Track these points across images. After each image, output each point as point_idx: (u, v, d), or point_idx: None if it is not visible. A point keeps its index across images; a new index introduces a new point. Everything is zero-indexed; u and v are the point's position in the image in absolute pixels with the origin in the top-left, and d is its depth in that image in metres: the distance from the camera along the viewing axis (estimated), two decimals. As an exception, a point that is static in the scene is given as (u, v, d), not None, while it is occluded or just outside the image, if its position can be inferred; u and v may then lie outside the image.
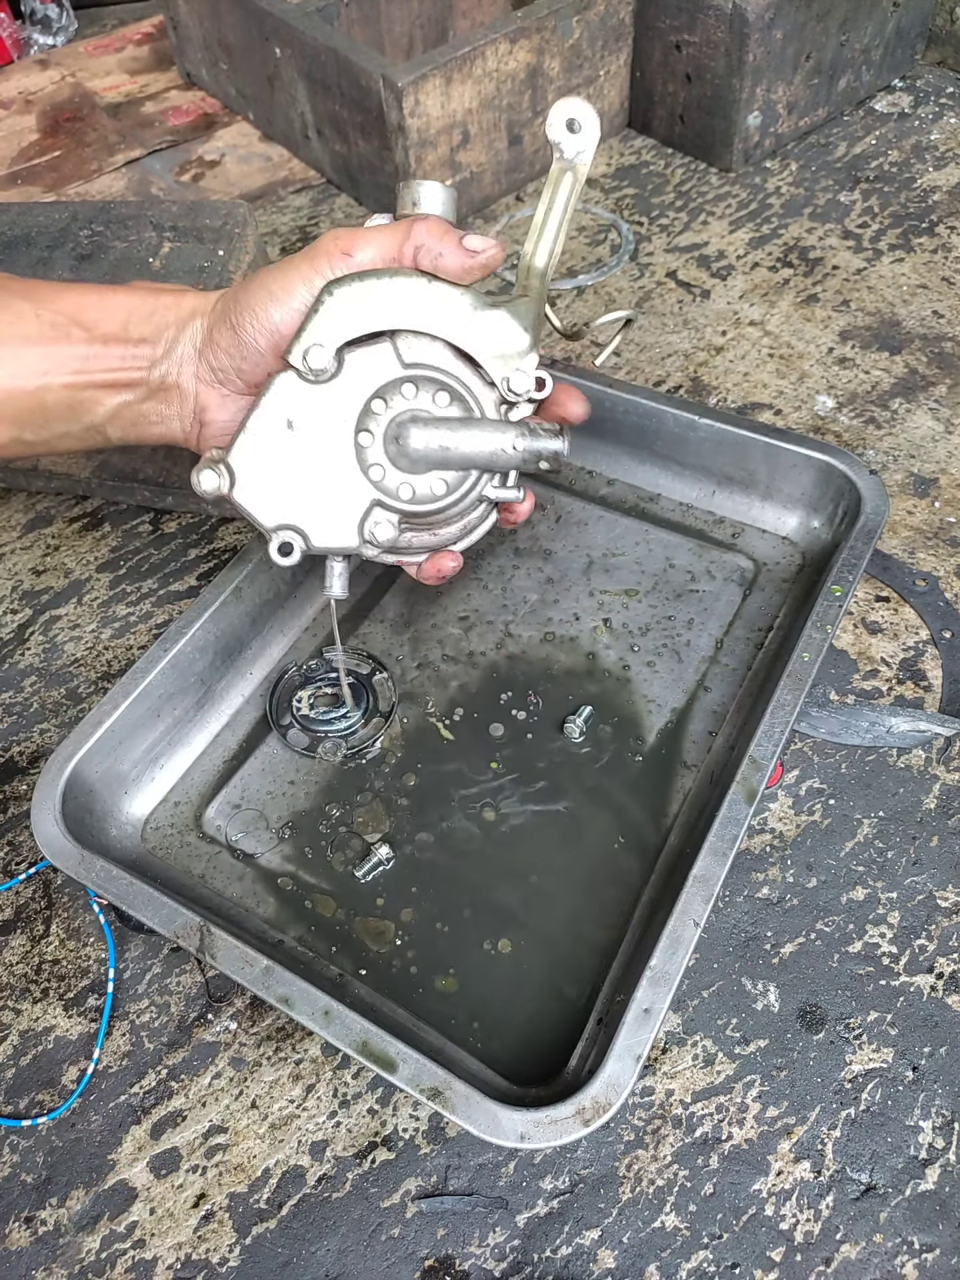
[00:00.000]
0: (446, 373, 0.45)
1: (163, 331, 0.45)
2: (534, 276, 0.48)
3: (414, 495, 0.46)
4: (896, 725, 0.57)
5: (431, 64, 0.80)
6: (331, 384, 0.44)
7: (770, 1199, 0.44)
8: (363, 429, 0.45)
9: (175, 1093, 0.48)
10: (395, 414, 0.45)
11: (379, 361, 0.44)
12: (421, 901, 0.51)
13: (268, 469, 0.45)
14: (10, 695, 0.63)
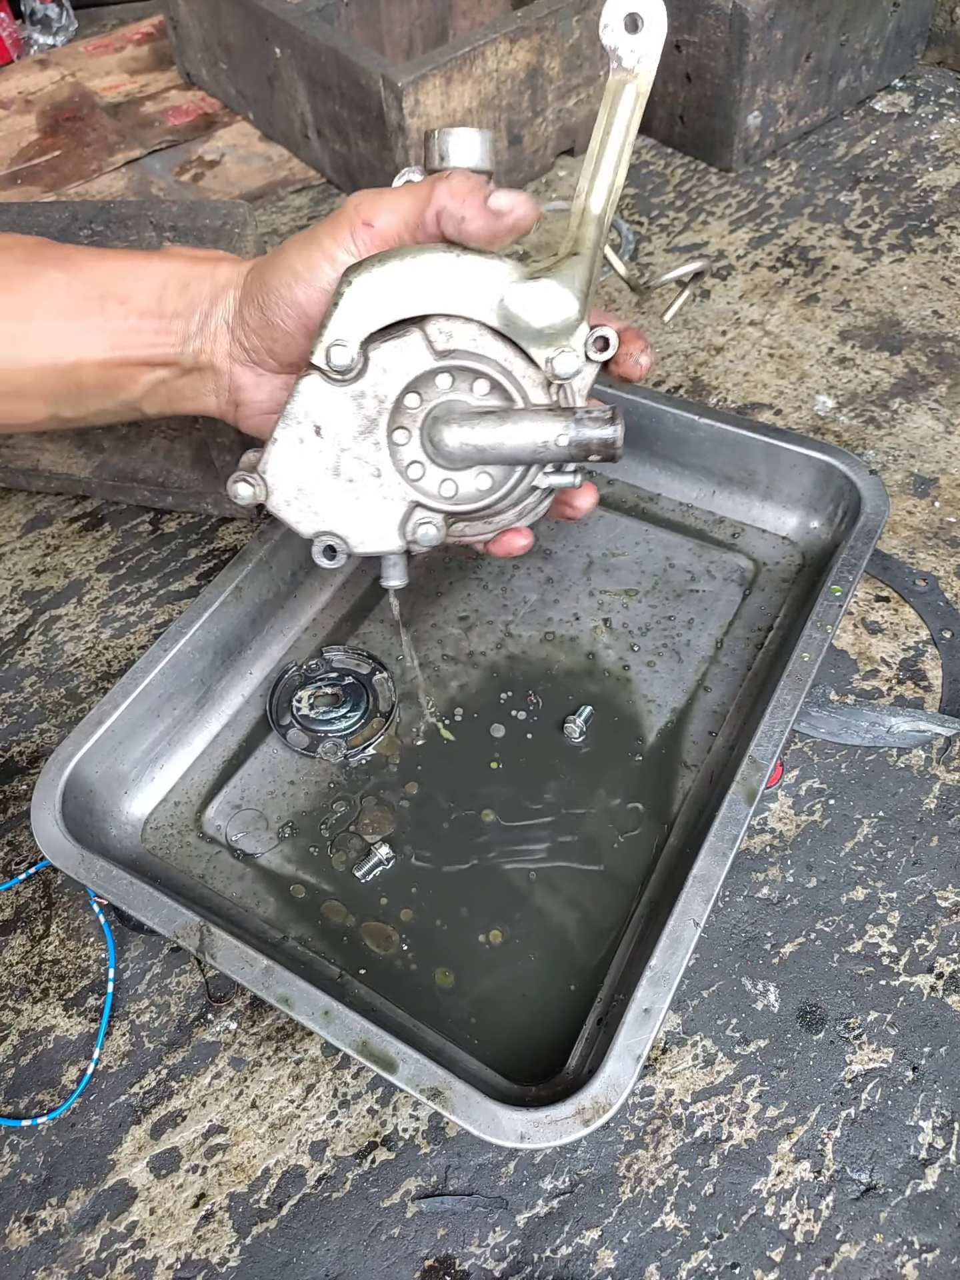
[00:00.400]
0: (484, 358, 0.41)
1: (197, 305, 0.43)
2: (588, 223, 0.41)
3: (456, 494, 0.43)
4: (896, 725, 0.57)
5: (431, 64, 0.80)
6: (359, 382, 0.41)
7: (770, 1199, 0.44)
8: (398, 426, 0.42)
9: (175, 1093, 0.48)
10: (431, 408, 0.42)
11: (408, 353, 0.41)
12: (421, 901, 0.51)
13: (301, 477, 0.43)
14: (10, 695, 0.63)
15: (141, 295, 0.43)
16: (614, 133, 0.41)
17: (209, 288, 0.44)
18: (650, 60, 0.40)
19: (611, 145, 0.41)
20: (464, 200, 0.39)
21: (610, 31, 0.40)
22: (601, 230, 0.41)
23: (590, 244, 0.41)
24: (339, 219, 0.41)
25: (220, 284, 0.44)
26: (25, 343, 0.43)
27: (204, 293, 0.44)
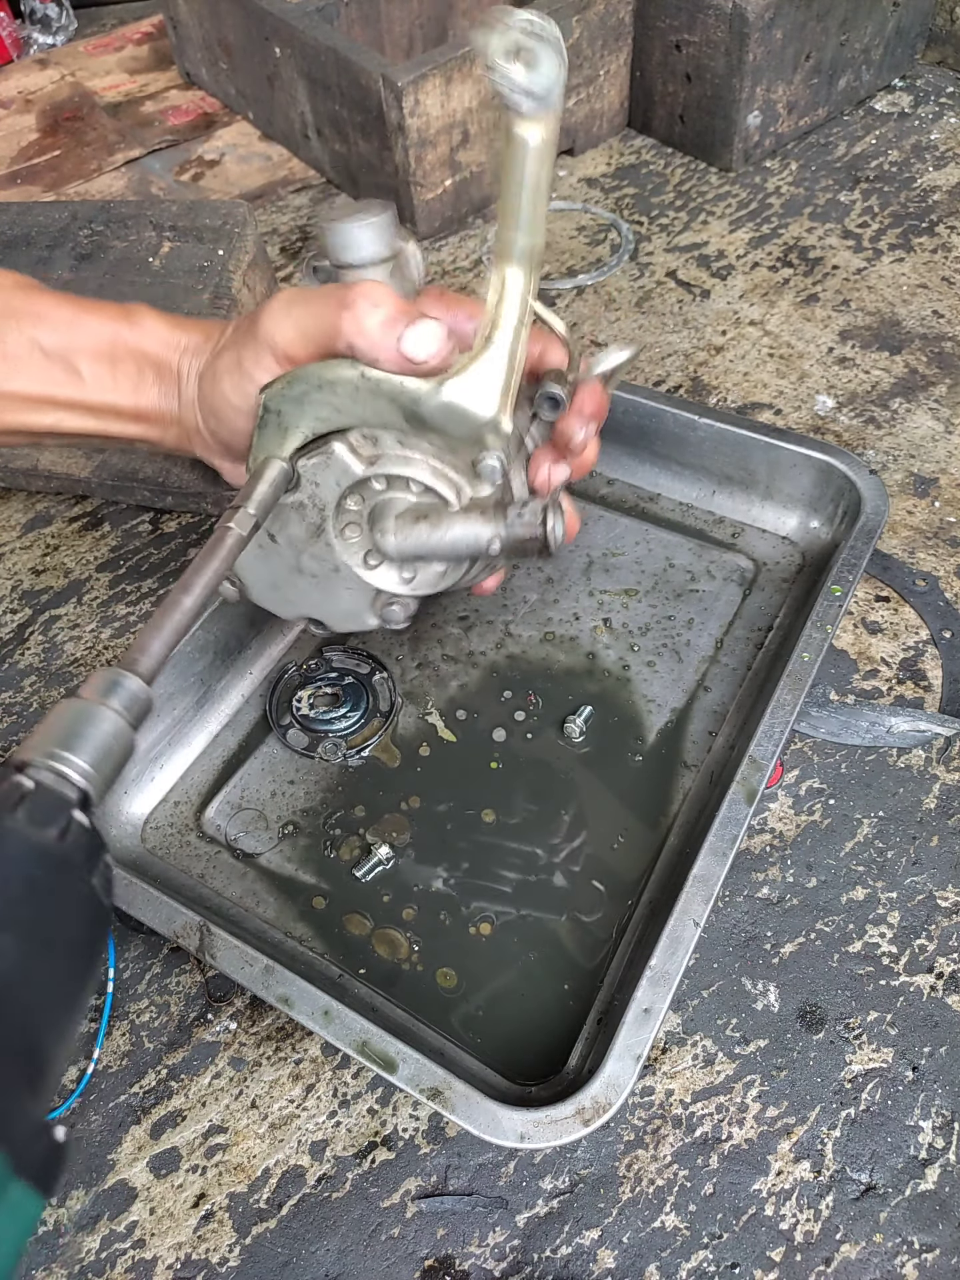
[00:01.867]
0: (412, 460, 0.40)
1: (168, 401, 0.43)
2: (505, 299, 0.37)
3: (415, 579, 0.44)
4: (896, 725, 0.57)
5: (431, 64, 0.80)
6: (296, 494, 0.41)
7: (770, 1199, 0.44)
8: (347, 523, 0.42)
9: (175, 1092, 0.48)
10: (372, 507, 0.42)
11: (335, 466, 0.40)
12: (421, 901, 0.51)
13: (270, 576, 0.45)
14: (10, 695, 0.63)
15: (120, 378, 0.43)
16: (524, 190, 0.35)
17: (178, 384, 0.43)
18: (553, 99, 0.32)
19: (524, 204, 0.35)
20: (372, 345, 0.36)
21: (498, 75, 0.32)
22: (524, 301, 0.38)
23: (508, 325, 0.37)
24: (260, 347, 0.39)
25: (186, 379, 0.43)
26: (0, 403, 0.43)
27: (175, 389, 0.43)
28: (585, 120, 0.96)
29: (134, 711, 0.31)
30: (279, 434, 0.40)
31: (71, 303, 0.43)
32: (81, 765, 0.28)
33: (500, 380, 0.38)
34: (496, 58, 0.31)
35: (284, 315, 0.38)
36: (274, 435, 0.40)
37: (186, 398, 0.43)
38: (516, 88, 0.32)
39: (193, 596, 0.35)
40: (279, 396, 0.39)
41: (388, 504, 0.41)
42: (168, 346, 0.43)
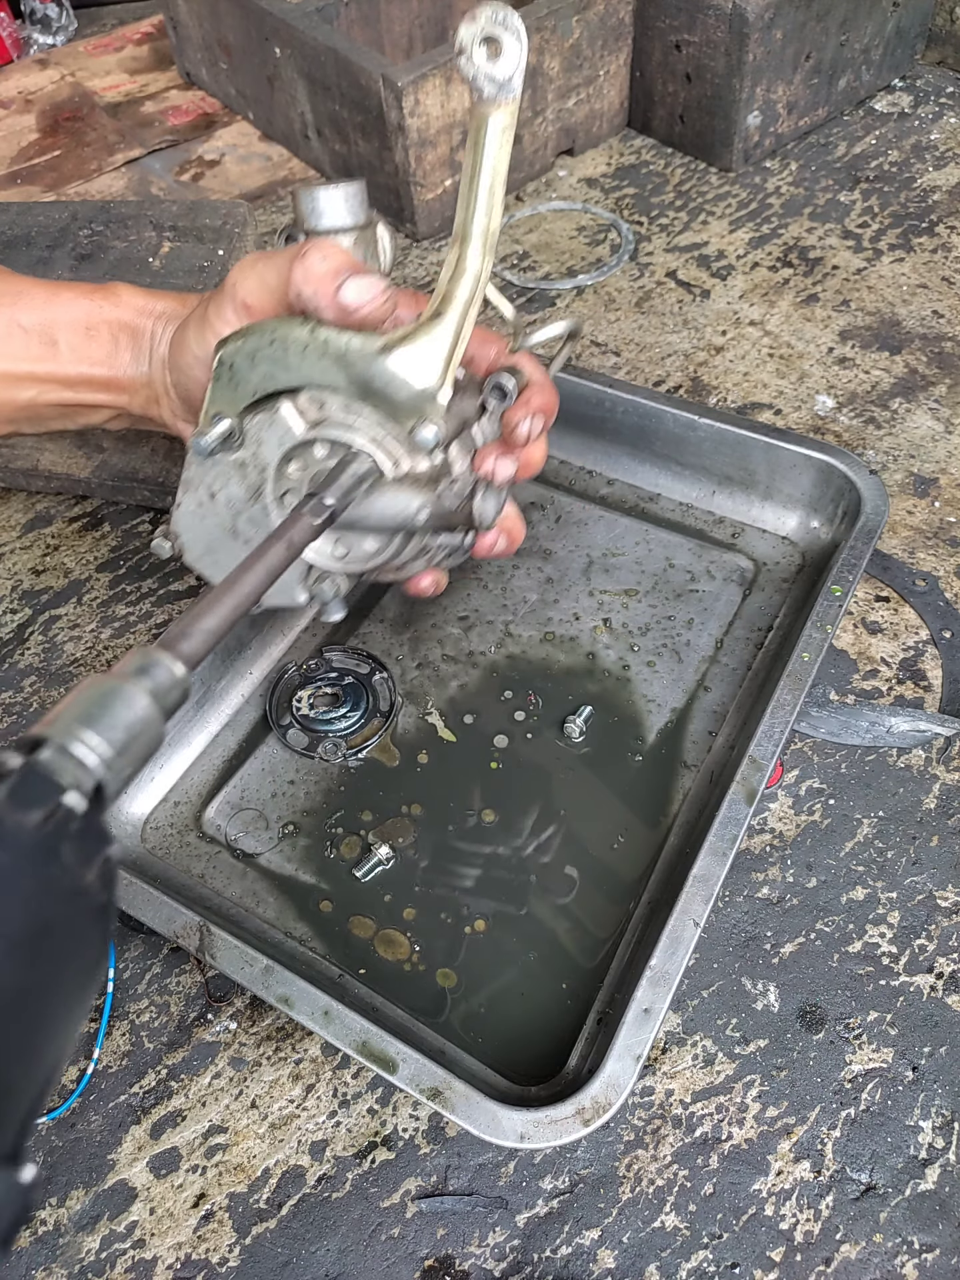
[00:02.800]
0: (355, 427, 0.40)
1: (141, 364, 0.45)
2: (459, 276, 0.38)
3: (348, 554, 0.44)
4: (896, 725, 0.57)
5: (431, 64, 0.80)
6: (240, 452, 0.42)
7: (770, 1199, 0.44)
8: (286, 489, 0.43)
9: (175, 1092, 0.48)
10: (313, 474, 0.42)
11: (279, 425, 0.41)
12: (421, 902, 0.51)
13: (207, 537, 0.45)
14: (10, 695, 0.63)
15: (95, 346, 0.44)
16: (483, 172, 0.37)
17: (150, 345, 0.44)
18: (511, 89, 0.35)
19: (482, 186, 0.37)
20: (316, 290, 0.38)
21: (467, 59, 0.35)
22: (477, 280, 0.38)
23: (459, 301, 0.38)
24: (222, 295, 0.41)
25: (159, 341, 0.44)
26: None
27: (146, 351, 0.45)
28: (585, 120, 0.96)
29: (168, 697, 0.28)
30: (231, 388, 0.40)
31: (47, 283, 0.45)
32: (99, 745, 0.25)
33: (444, 351, 0.38)
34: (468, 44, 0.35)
35: (249, 268, 0.40)
36: (226, 389, 0.40)
37: (156, 358, 0.44)
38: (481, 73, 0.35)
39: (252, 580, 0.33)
40: (233, 350, 0.40)
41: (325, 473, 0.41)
42: (142, 313, 0.45)
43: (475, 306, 0.39)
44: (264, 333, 0.39)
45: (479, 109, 0.36)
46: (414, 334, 0.38)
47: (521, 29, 0.34)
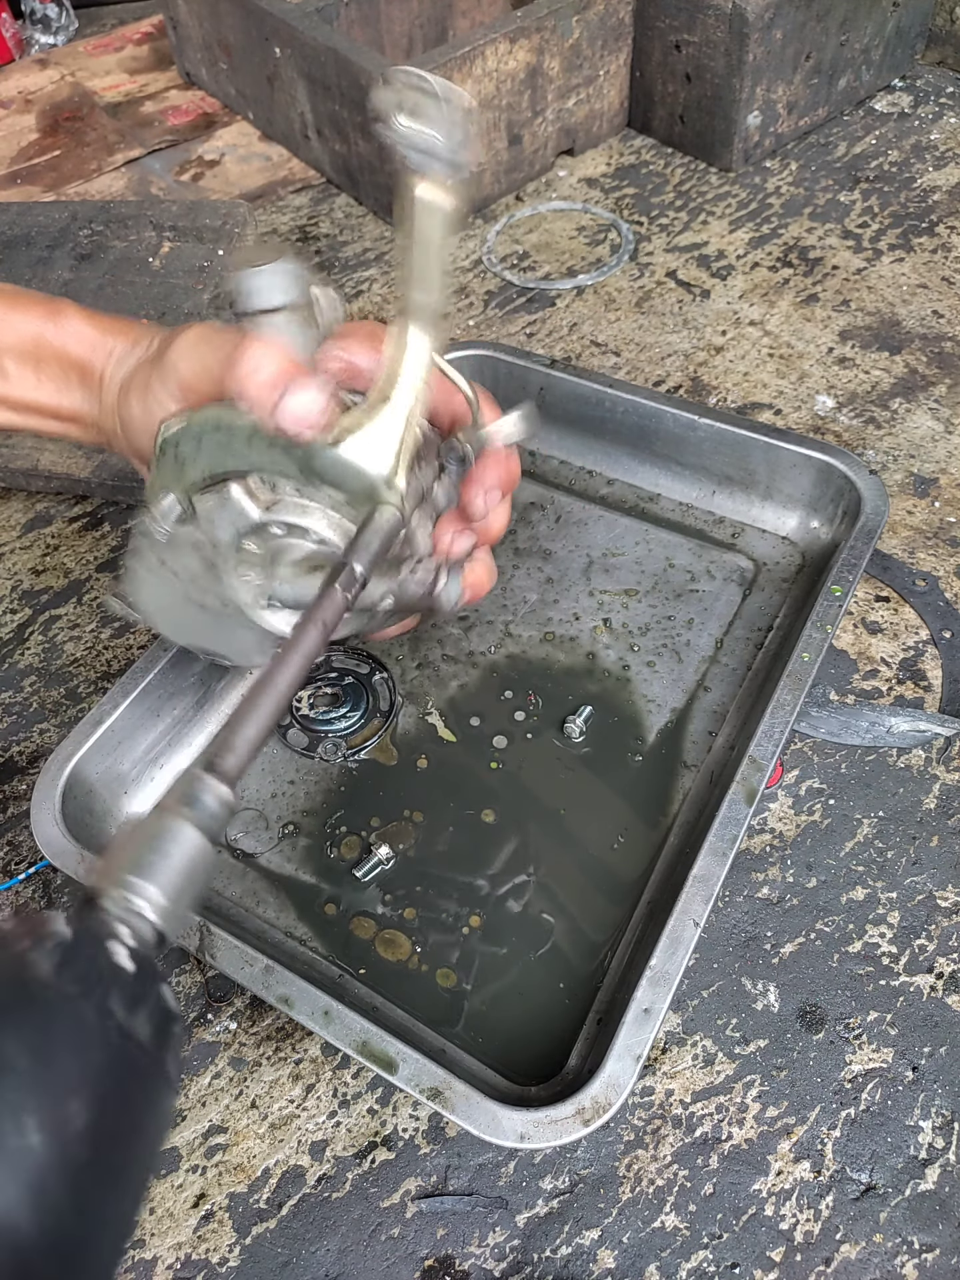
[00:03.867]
0: (309, 509, 0.39)
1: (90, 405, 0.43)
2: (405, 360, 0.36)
3: None
4: (896, 725, 0.57)
5: (431, 64, 0.80)
6: (191, 527, 0.41)
7: (770, 1199, 0.44)
8: (243, 563, 0.41)
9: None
10: (270, 552, 0.41)
11: (231, 508, 0.39)
12: (421, 901, 0.51)
13: (160, 602, 0.44)
14: (10, 695, 0.63)
15: (44, 378, 0.43)
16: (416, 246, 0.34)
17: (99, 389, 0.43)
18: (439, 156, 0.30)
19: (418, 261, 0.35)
20: (255, 399, 0.36)
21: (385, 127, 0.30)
22: (424, 358, 0.37)
23: (407, 383, 0.36)
24: (165, 371, 0.39)
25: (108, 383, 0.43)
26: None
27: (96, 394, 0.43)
28: (585, 120, 0.96)
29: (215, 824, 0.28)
30: (177, 468, 0.39)
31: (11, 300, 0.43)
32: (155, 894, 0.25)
33: (395, 439, 0.36)
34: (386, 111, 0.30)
35: (190, 349, 0.39)
36: (172, 469, 0.39)
37: (107, 404, 0.43)
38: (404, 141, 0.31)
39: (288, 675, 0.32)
40: (177, 433, 0.38)
41: (285, 549, 0.40)
42: (94, 349, 0.43)
43: (424, 385, 0.37)
44: (206, 420, 0.38)
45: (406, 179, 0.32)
46: (361, 422, 0.36)
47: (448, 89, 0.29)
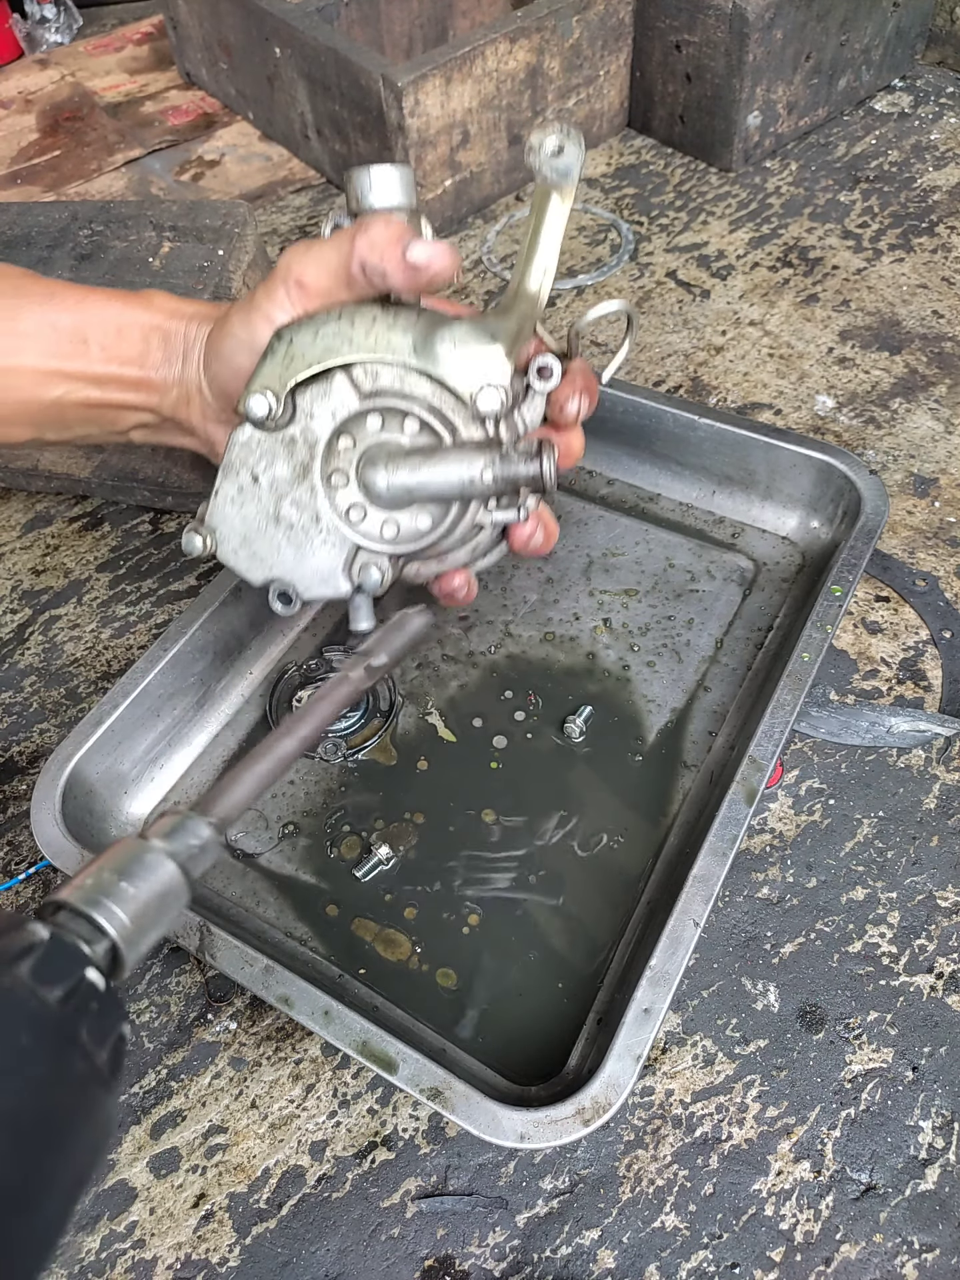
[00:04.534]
0: (411, 397, 0.41)
1: (173, 363, 0.44)
2: (521, 298, 0.42)
3: (398, 534, 0.43)
4: (896, 725, 0.57)
5: (431, 64, 0.80)
6: (289, 428, 0.42)
7: (770, 1199, 0.44)
8: (334, 469, 0.43)
9: (175, 1092, 0.48)
10: (363, 450, 0.42)
11: (334, 396, 0.41)
12: (421, 901, 0.51)
13: (245, 527, 0.44)
14: (10, 695, 0.63)
15: (125, 345, 0.44)
16: (545, 234, 0.41)
17: (183, 346, 0.44)
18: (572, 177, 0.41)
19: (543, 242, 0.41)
20: (382, 255, 0.39)
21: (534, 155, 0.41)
22: (535, 305, 0.41)
23: (520, 309, 0.41)
24: (273, 280, 0.41)
25: (192, 342, 0.44)
26: (9, 378, 0.43)
27: (179, 351, 0.44)
28: (585, 120, 0.96)
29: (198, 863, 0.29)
30: (284, 364, 0.41)
31: (79, 286, 0.45)
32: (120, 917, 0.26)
33: (507, 331, 0.40)
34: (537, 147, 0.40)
35: (304, 250, 0.41)
36: (278, 365, 0.41)
37: (191, 358, 0.44)
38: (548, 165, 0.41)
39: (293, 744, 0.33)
40: (295, 326, 0.40)
41: (380, 445, 0.42)
42: (174, 315, 0.44)
43: (533, 321, 0.42)
44: (332, 310, 0.40)
45: (542, 188, 0.41)
46: (481, 316, 0.41)
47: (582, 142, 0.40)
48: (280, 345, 0.41)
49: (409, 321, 0.40)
